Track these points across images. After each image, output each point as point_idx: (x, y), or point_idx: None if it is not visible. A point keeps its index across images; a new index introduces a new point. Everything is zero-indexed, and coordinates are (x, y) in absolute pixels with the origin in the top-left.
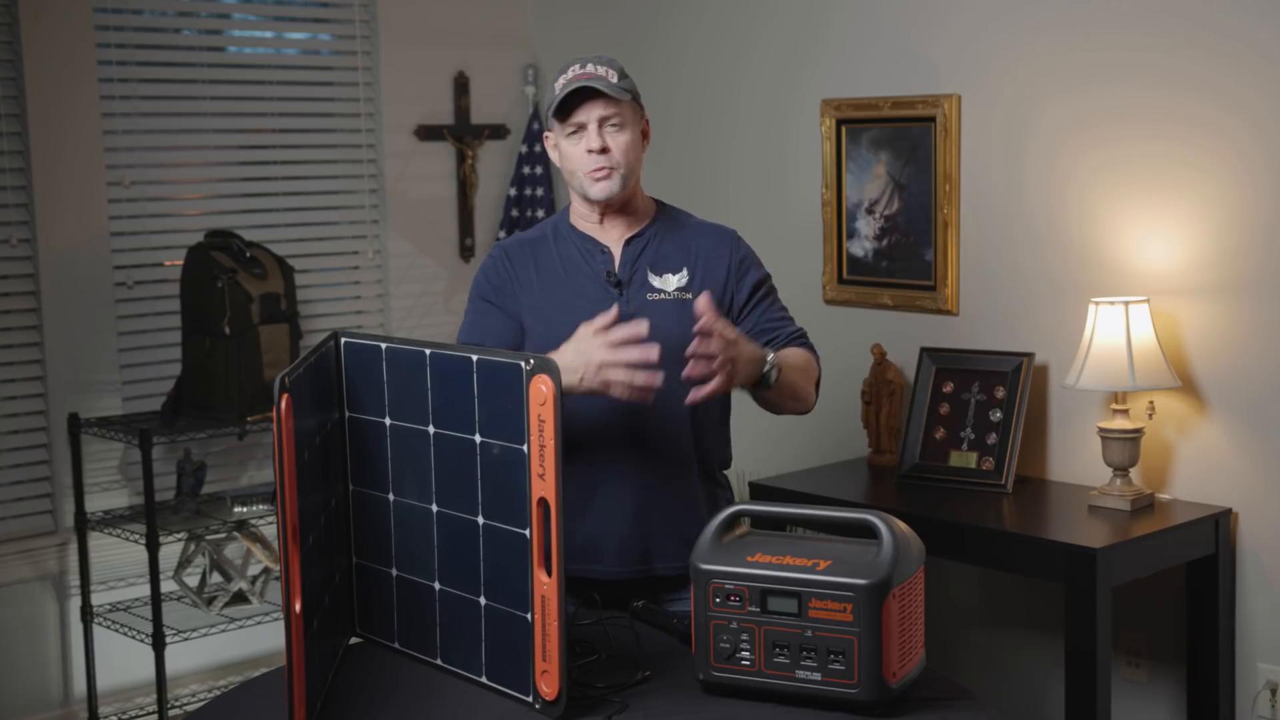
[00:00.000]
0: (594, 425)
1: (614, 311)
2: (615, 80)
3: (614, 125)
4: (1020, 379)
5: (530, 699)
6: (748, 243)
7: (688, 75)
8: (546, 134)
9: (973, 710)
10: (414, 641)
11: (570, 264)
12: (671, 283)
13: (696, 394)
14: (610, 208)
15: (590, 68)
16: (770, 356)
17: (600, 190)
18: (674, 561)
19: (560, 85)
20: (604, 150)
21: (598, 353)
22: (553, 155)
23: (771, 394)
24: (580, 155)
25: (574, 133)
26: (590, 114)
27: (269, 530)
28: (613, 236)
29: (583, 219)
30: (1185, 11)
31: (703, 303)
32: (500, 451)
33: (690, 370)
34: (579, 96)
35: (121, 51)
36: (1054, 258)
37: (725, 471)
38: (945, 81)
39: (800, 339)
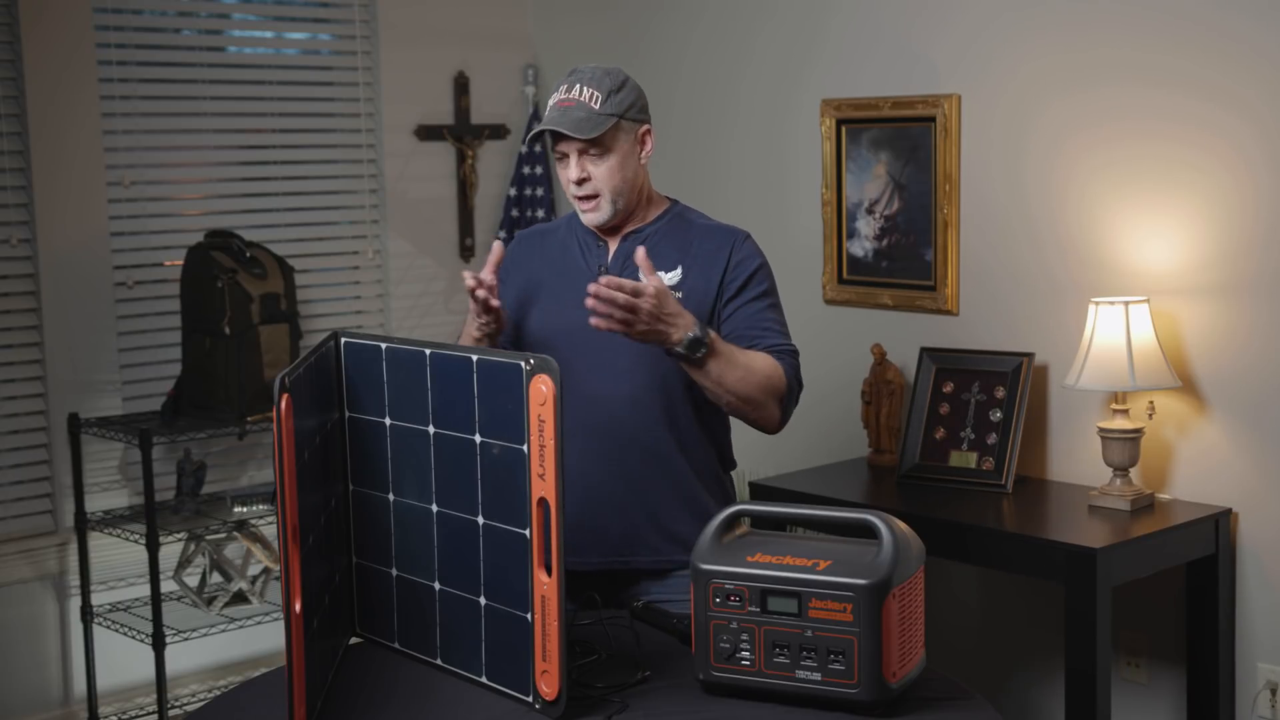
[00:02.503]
0: (568, 418)
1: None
2: (598, 106)
3: (594, 154)
4: (1020, 379)
5: (530, 699)
6: (756, 245)
7: (688, 75)
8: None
9: (973, 710)
10: (414, 641)
11: (569, 259)
12: (662, 279)
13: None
14: (604, 227)
15: (576, 90)
16: (699, 333)
17: (589, 219)
18: (655, 555)
19: (549, 108)
20: (582, 180)
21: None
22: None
23: (701, 377)
24: (565, 181)
25: (560, 158)
26: (569, 145)
27: (269, 530)
28: (614, 232)
29: None
30: (1185, 11)
31: (640, 256)
32: (500, 451)
33: (589, 303)
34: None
35: (121, 51)
36: (1054, 258)
37: (731, 472)
38: (945, 81)
39: (776, 351)
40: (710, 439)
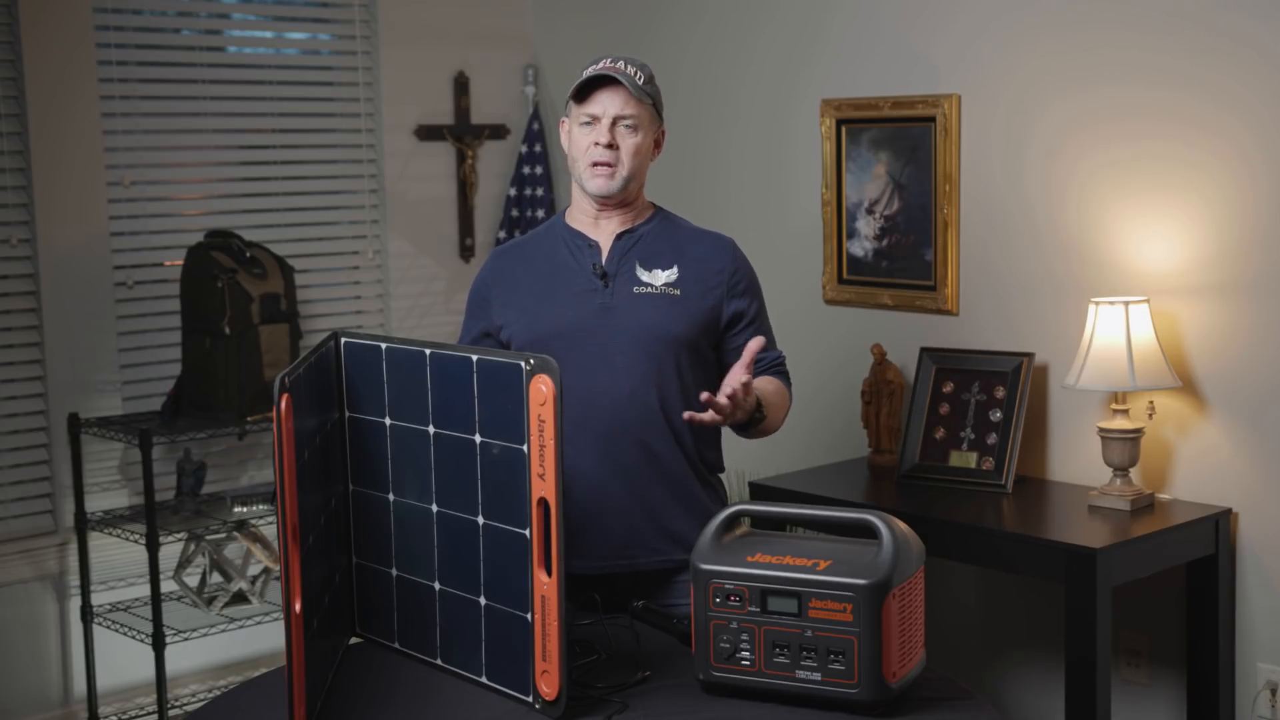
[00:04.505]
0: (567, 419)
1: None
2: (640, 82)
3: (628, 126)
4: (1020, 379)
5: (530, 699)
6: (744, 253)
7: (688, 75)
8: (563, 119)
9: (973, 710)
10: (414, 641)
11: (558, 261)
12: (660, 278)
13: (694, 415)
14: (608, 203)
15: (621, 64)
16: (762, 406)
17: (596, 185)
18: (655, 555)
19: (588, 73)
20: (610, 146)
21: None
22: (564, 141)
23: (759, 432)
24: (586, 145)
25: (587, 122)
26: (607, 107)
27: (269, 530)
28: (605, 233)
29: (581, 213)
30: (1185, 11)
31: (754, 347)
32: (500, 451)
33: (710, 399)
34: (600, 84)
35: (121, 51)
36: (1054, 258)
37: (720, 474)
38: (945, 81)
39: (779, 367)
40: (702, 438)
